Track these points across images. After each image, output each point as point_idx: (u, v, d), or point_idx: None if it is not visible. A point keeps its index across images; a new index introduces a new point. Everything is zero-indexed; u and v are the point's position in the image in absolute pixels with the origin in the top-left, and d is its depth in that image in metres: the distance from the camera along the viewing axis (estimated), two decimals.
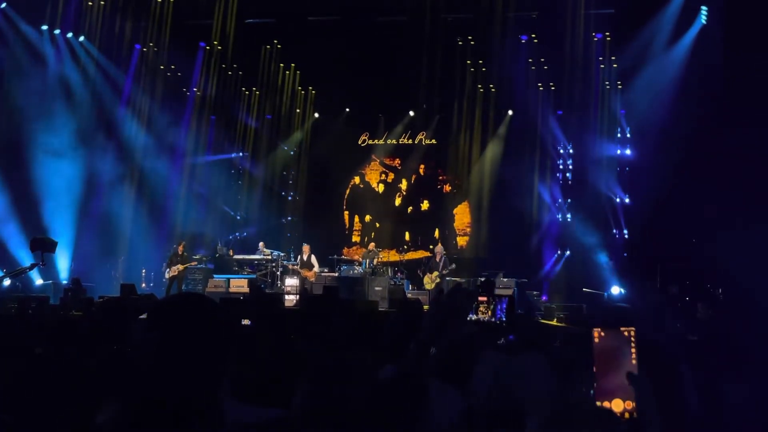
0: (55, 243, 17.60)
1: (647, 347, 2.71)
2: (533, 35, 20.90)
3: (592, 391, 2.66)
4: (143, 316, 2.86)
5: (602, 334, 2.74)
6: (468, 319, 6.53)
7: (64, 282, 18.92)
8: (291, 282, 19.48)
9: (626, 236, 20.52)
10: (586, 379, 3.01)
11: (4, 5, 19.39)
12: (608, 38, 20.07)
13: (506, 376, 2.68)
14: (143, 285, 20.84)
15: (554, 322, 16.28)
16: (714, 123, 16.38)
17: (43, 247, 17.19)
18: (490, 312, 6.85)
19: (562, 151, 22.43)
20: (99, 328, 4.64)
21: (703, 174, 16.40)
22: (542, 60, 21.26)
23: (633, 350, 2.72)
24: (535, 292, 19.51)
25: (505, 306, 7.48)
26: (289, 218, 25.30)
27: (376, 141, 25.39)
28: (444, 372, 3.61)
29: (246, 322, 7.16)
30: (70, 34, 20.70)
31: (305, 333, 5.25)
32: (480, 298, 7.15)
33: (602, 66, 20.44)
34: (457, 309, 3.29)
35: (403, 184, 25.30)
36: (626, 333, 2.72)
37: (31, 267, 17.14)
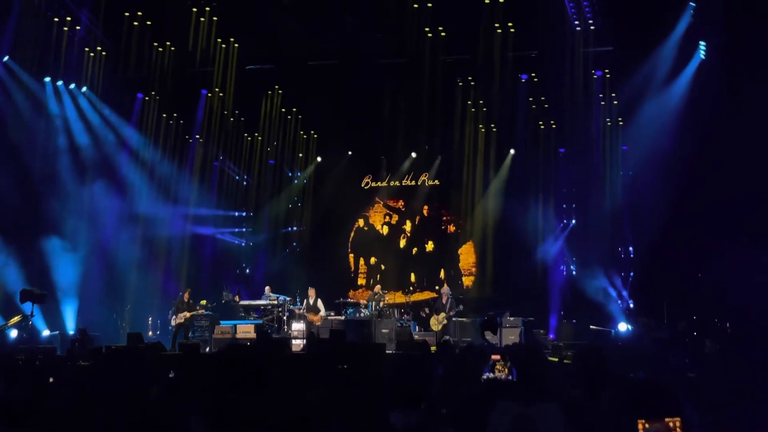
0: (44, 294, 17.88)
1: (650, 386, 2.68)
2: (533, 74, 20.99)
3: None
4: None
5: (647, 425, 2.71)
6: (484, 377, 6.46)
7: (71, 332, 18.87)
8: (297, 327, 19.42)
9: (632, 274, 20.44)
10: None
11: (6, 59, 19.57)
12: (608, 75, 20.12)
13: (522, 426, 2.67)
14: (150, 333, 20.79)
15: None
16: (715, 156, 16.42)
17: (32, 298, 17.48)
18: (506, 369, 6.72)
19: (565, 189, 22.46)
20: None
21: (706, 208, 16.42)
22: (542, 98, 21.37)
23: None
24: (541, 331, 19.41)
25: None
26: (294, 262, 25.22)
27: (379, 183, 25.48)
28: (458, 424, 3.59)
29: None
30: (72, 85, 20.88)
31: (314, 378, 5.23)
32: (494, 357, 7.03)
33: (603, 103, 20.51)
34: (470, 368, 3.30)
35: (408, 226, 25.32)
36: (671, 423, 2.68)
37: (23, 318, 17.41)
